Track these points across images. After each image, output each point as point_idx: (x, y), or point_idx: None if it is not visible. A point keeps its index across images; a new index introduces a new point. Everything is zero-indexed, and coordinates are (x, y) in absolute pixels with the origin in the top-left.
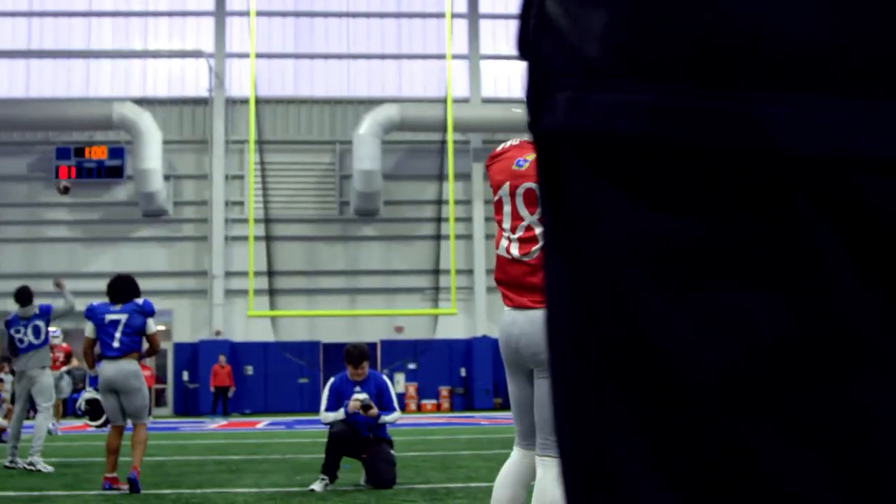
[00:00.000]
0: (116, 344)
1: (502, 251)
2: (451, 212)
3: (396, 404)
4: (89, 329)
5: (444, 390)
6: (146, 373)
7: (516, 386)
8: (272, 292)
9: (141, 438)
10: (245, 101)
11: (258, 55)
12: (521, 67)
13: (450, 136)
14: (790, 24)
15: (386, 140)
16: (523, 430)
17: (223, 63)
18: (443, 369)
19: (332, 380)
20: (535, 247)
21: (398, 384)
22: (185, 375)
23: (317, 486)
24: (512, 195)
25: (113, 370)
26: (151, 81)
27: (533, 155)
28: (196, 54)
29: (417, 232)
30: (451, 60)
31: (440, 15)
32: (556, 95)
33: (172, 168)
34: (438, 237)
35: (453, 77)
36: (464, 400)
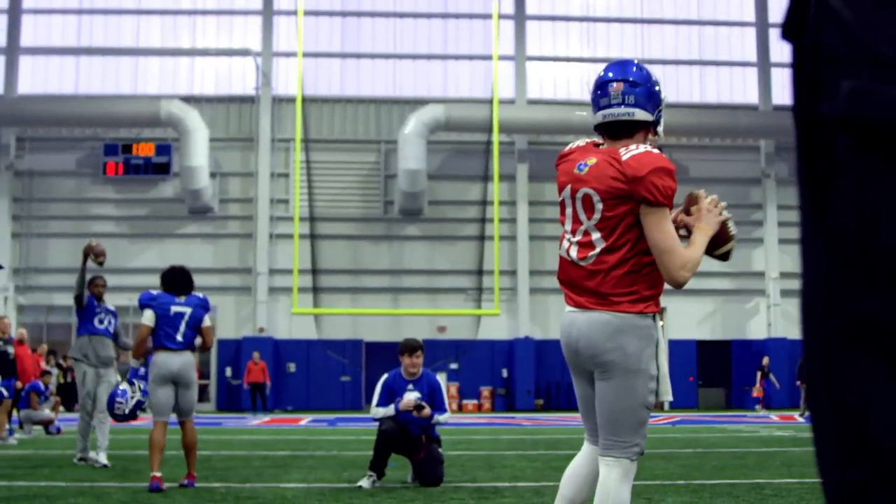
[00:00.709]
0: (180, 337)
1: (563, 252)
2: (496, 212)
3: (447, 404)
4: (149, 317)
5: (486, 391)
6: None
7: (580, 386)
8: (316, 290)
9: (194, 439)
10: (291, 100)
11: (305, 54)
12: (788, 50)
13: (495, 137)
14: None
15: (431, 140)
16: (590, 428)
17: (270, 62)
18: (484, 370)
19: (385, 376)
20: (592, 252)
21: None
22: (228, 372)
23: (365, 483)
24: (573, 198)
25: (179, 362)
26: (199, 79)
27: (594, 159)
28: (243, 53)
29: (461, 232)
30: (498, 61)
31: (487, 16)
32: (838, 82)
33: (218, 165)
34: (482, 238)
35: (499, 78)
36: (505, 401)
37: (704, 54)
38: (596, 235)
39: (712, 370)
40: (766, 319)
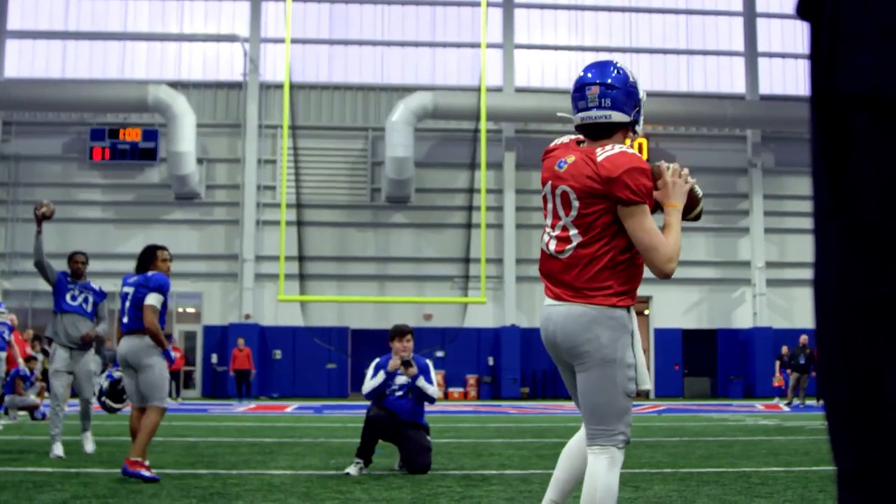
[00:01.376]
0: (125, 318)
1: (543, 245)
2: (483, 200)
3: (436, 387)
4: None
5: (472, 379)
6: (176, 354)
7: (566, 377)
8: (302, 277)
9: (148, 422)
10: (279, 86)
11: (293, 40)
12: (806, 26)
13: (483, 125)
14: None
15: (418, 128)
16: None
17: (258, 48)
18: (471, 358)
19: (378, 360)
20: (569, 246)
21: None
22: (214, 358)
23: (352, 470)
24: (553, 194)
25: (125, 346)
26: (186, 65)
27: (573, 157)
28: (231, 38)
29: (448, 220)
30: (486, 49)
31: (475, 3)
32: (858, 58)
33: (205, 151)
34: (469, 226)
35: (487, 66)
36: (491, 389)
37: (692, 43)
38: (573, 231)
39: (698, 359)
40: (752, 308)
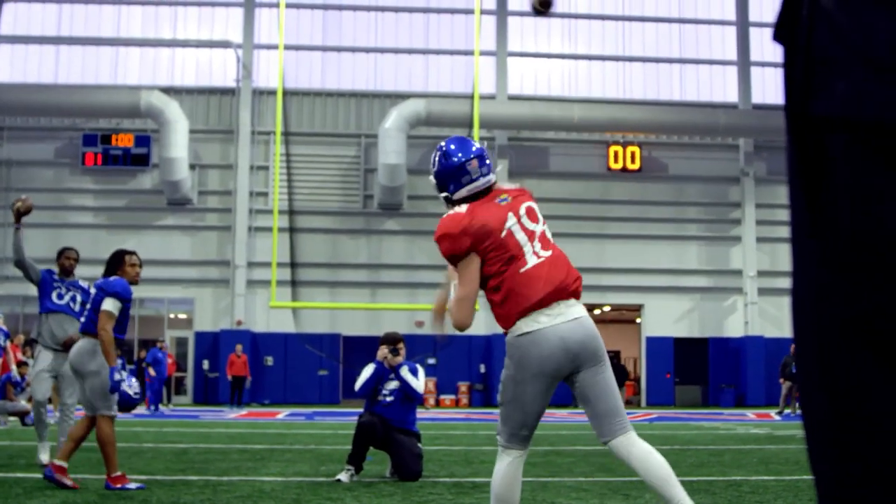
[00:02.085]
0: (82, 319)
1: (531, 265)
2: None
3: (423, 388)
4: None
5: (464, 386)
6: (167, 360)
7: (548, 393)
8: (294, 284)
9: (102, 436)
10: (272, 93)
11: (286, 47)
12: (780, 50)
13: (476, 133)
14: None
15: (411, 135)
16: (529, 434)
17: (251, 54)
18: (462, 365)
19: (372, 364)
20: (551, 246)
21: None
22: (206, 364)
23: (343, 477)
24: (518, 221)
25: (73, 349)
26: (179, 70)
27: (504, 194)
28: (224, 44)
29: None
30: (479, 57)
31: (468, 11)
32: (832, 83)
33: (198, 157)
34: None
35: (480, 73)
36: (483, 396)
37: (685, 52)
38: (548, 234)
39: (689, 367)
40: (744, 317)
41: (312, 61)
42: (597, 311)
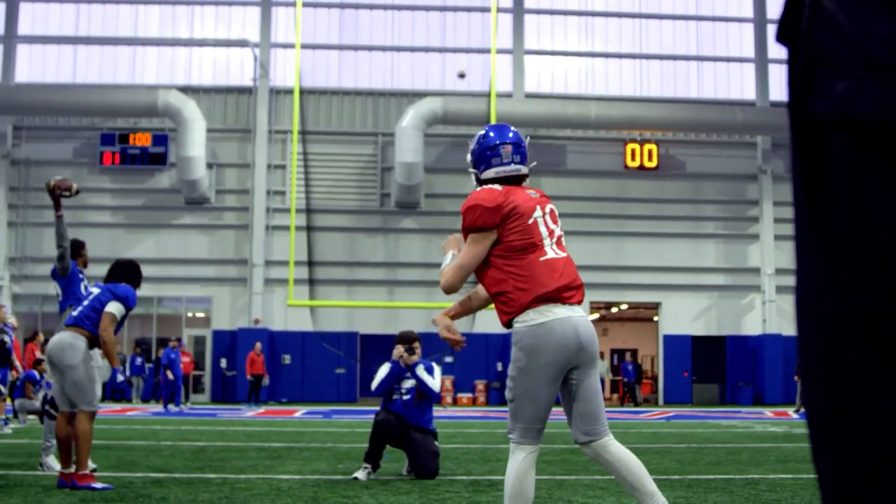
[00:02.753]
0: (74, 312)
1: (550, 256)
2: None
3: (439, 386)
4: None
5: (481, 384)
6: (185, 359)
7: (554, 387)
8: (312, 282)
9: (80, 430)
10: (289, 92)
11: (303, 46)
12: (785, 51)
13: None
14: None
15: (428, 133)
16: (541, 428)
17: (268, 53)
18: (479, 363)
19: (388, 362)
20: (564, 247)
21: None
22: (223, 363)
23: (360, 475)
24: (543, 215)
25: (53, 341)
26: (196, 70)
27: (531, 190)
28: (241, 43)
29: (457, 225)
30: (496, 55)
31: (485, 9)
32: (832, 84)
33: (215, 156)
34: None
35: (497, 71)
36: (500, 394)
37: (702, 50)
38: (563, 238)
39: (707, 366)
40: (762, 315)
41: (329, 60)
42: (614, 309)
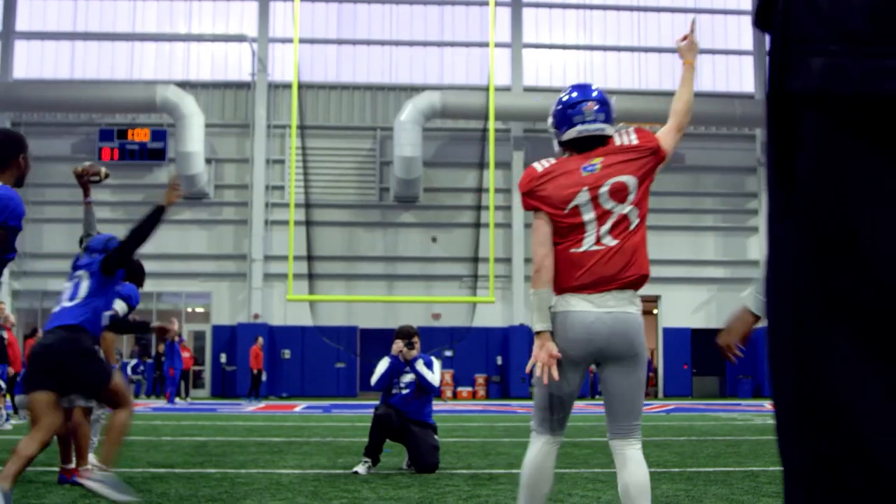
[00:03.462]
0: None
1: (587, 247)
2: (492, 200)
3: (438, 381)
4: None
5: (481, 378)
6: (185, 354)
7: (576, 378)
8: (311, 277)
9: (75, 429)
10: (287, 86)
11: (301, 40)
12: (763, 33)
13: (491, 125)
14: None
15: (427, 127)
16: (561, 419)
17: (266, 48)
18: (479, 357)
19: (388, 357)
20: (626, 233)
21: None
22: (223, 358)
23: (360, 469)
24: (594, 198)
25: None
26: (195, 65)
27: (598, 158)
28: (239, 38)
29: (457, 219)
30: (494, 48)
31: (483, 3)
32: (809, 60)
33: (214, 151)
34: (478, 225)
35: (495, 65)
36: (499, 388)
37: (701, 42)
38: (633, 216)
39: (707, 358)
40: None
41: (327, 54)
42: None
